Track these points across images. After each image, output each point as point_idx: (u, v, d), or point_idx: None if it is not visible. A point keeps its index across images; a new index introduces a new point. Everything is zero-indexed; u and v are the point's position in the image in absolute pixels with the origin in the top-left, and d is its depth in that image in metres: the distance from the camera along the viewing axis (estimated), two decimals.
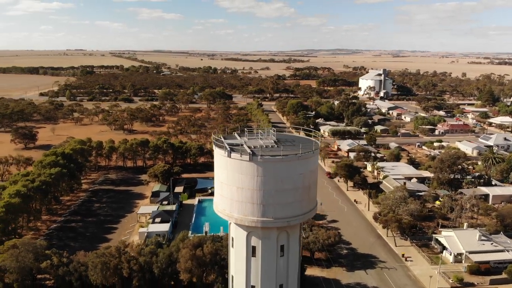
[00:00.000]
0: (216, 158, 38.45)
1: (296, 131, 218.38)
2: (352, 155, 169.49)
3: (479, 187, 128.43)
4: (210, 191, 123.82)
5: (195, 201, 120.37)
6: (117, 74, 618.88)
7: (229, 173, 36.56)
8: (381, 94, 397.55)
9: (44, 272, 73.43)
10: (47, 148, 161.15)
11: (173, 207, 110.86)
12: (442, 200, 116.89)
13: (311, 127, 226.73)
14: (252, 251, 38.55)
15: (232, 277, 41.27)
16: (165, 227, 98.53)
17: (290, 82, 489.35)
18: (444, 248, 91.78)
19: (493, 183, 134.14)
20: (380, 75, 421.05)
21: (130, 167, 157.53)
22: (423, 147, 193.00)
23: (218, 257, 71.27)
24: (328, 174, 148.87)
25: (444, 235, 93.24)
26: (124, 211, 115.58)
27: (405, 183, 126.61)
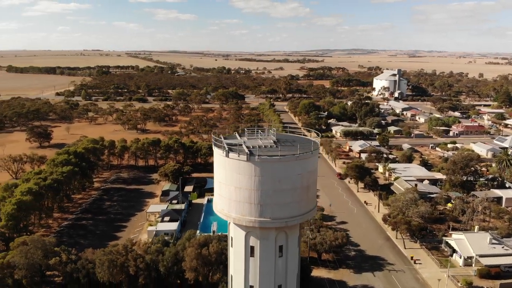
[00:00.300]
0: (215, 157, 38.68)
1: (308, 132, 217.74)
2: (363, 156, 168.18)
3: (492, 189, 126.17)
4: None
5: (204, 200, 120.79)
6: (132, 74, 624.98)
7: (227, 173, 36.74)
8: (396, 95, 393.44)
9: (52, 269, 74.57)
10: (61, 147, 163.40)
11: (182, 206, 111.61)
12: (453, 202, 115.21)
13: (322, 127, 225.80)
14: (250, 251, 38.69)
15: (232, 276, 41.44)
16: (173, 226, 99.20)
17: (304, 82, 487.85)
18: (454, 251, 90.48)
19: (507, 186, 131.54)
20: (394, 75, 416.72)
21: (141, 166, 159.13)
22: (437, 148, 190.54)
23: (224, 257, 71.21)
24: (338, 175, 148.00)
25: (454, 238, 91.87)
26: (135, 210, 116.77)
27: (416, 185, 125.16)
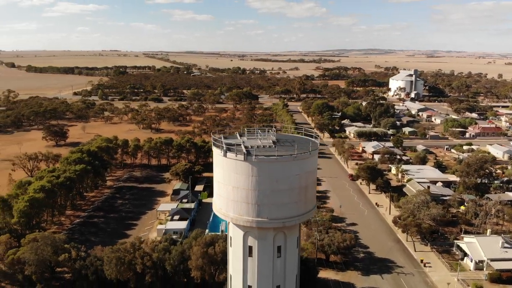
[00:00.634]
0: (214, 157, 38.92)
1: (321, 132, 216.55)
2: (376, 157, 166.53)
3: (507, 192, 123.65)
4: None
5: None
6: (149, 74, 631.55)
7: (225, 172, 36.91)
8: (412, 95, 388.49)
9: (62, 265, 75.86)
10: (76, 146, 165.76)
11: (192, 205, 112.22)
12: (467, 205, 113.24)
13: (336, 128, 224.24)
14: (248, 251, 38.73)
15: (231, 276, 41.55)
16: (182, 224, 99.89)
17: (318, 83, 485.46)
18: (465, 254, 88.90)
19: None
20: (411, 75, 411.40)
21: (154, 165, 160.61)
22: (452, 150, 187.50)
23: None
24: (350, 176, 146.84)
25: (465, 241, 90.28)
26: (145, 208, 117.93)
27: (429, 187, 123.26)
